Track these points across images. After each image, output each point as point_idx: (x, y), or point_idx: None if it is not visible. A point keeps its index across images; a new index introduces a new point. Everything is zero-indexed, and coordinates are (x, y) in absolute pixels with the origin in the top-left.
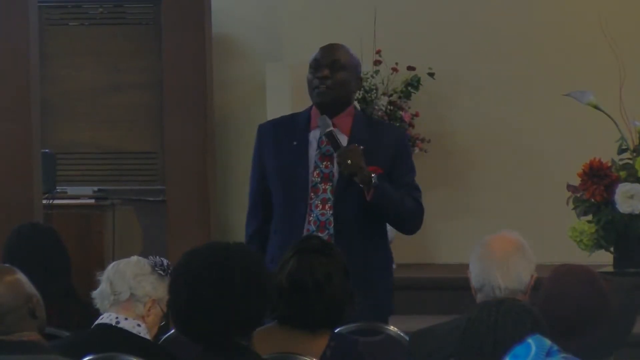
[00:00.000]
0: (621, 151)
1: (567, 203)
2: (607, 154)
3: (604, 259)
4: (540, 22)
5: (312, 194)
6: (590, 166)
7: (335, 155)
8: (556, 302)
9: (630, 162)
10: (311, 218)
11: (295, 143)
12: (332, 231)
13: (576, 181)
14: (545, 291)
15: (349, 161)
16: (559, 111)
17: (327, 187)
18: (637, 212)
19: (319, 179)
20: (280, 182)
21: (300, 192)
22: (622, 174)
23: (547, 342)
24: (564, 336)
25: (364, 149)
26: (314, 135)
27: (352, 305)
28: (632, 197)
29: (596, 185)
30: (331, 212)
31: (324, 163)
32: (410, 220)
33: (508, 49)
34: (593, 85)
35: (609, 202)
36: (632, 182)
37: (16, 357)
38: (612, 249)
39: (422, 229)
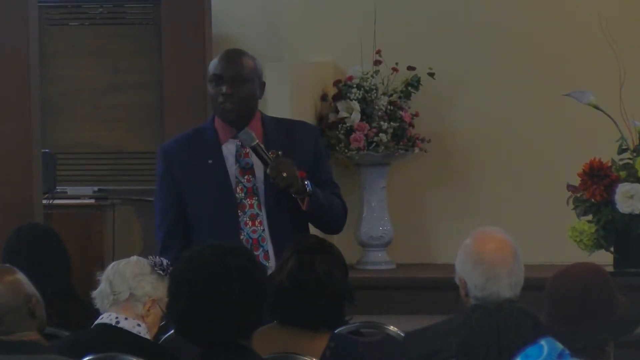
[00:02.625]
0: (621, 151)
1: (567, 203)
2: (607, 154)
3: (604, 259)
4: (540, 22)
5: (239, 211)
6: (590, 166)
7: (267, 169)
8: (563, 295)
9: (631, 162)
10: (242, 237)
11: (210, 161)
12: (267, 248)
13: (576, 181)
14: (552, 285)
15: (284, 174)
16: (559, 111)
17: (254, 201)
18: (637, 212)
19: (243, 195)
20: (204, 204)
21: (228, 211)
22: (622, 174)
23: (559, 345)
24: (569, 324)
25: (283, 153)
26: (228, 150)
27: (352, 302)
28: (632, 197)
29: (596, 185)
30: (262, 227)
31: (246, 177)
32: (340, 221)
33: (508, 49)
34: (593, 85)
35: (609, 202)
36: (632, 182)
37: (16, 357)
38: (612, 249)
39: (422, 229)
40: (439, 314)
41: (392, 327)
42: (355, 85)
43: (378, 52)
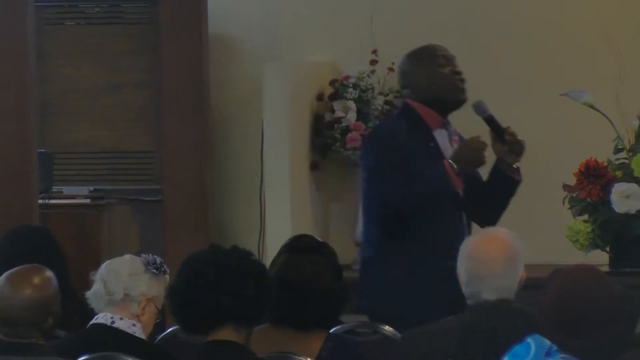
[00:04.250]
0: (617, 151)
1: (563, 203)
2: (604, 154)
3: (600, 258)
4: (540, 22)
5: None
6: (586, 166)
7: (505, 136)
8: (570, 298)
9: (627, 161)
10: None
11: (432, 144)
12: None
13: (572, 181)
14: (558, 287)
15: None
16: (556, 111)
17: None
18: (633, 212)
19: None
20: None
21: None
22: (619, 173)
23: (547, 342)
24: (571, 333)
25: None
26: (440, 136)
27: (346, 305)
28: (628, 197)
29: (592, 185)
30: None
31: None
32: None
33: (508, 49)
34: (592, 85)
35: (605, 202)
36: (629, 181)
37: (14, 358)
38: (608, 248)
39: None
40: None
41: (387, 327)
42: (351, 85)
43: (374, 52)
